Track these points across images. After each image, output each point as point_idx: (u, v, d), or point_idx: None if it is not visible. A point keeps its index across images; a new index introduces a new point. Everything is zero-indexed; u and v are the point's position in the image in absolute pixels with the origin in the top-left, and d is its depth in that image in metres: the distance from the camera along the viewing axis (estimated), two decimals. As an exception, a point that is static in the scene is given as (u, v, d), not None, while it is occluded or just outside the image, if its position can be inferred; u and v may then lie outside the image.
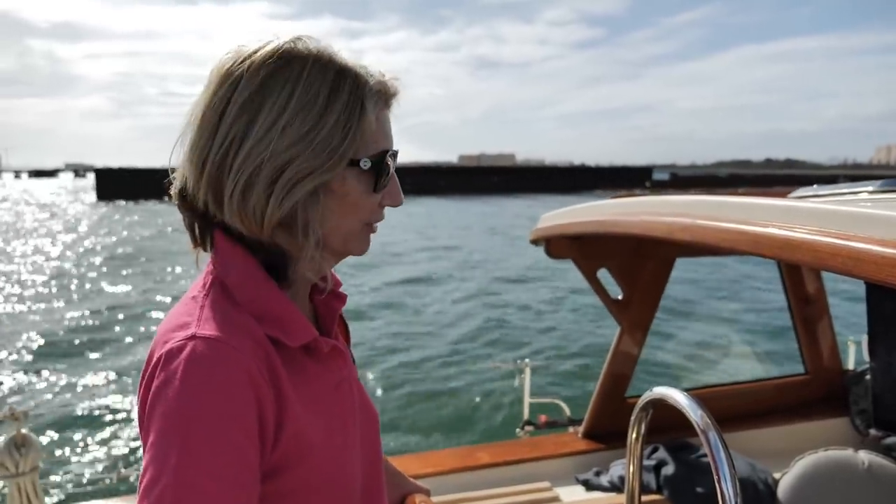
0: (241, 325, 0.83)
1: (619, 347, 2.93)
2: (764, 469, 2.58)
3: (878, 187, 1.68)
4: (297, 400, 0.85)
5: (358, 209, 0.91)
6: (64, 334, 12.53)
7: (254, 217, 0.84)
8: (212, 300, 0.86)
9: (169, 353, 0.78)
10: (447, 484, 2.68)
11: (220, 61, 0.88)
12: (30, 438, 2.88)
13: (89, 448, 7.35)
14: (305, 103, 0.84)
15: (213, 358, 0.78)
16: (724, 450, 0.97)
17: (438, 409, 8.33)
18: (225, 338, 0.80)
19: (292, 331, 0.88)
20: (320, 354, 0.94)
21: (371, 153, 0.89)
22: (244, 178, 0.83)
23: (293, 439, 0.84)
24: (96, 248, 25.59)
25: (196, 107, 0.88)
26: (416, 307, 14.59)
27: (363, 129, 0.87)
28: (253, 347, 0.82)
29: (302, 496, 0.87)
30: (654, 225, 1.83)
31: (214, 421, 0.75)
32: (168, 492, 0.71)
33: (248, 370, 0.79)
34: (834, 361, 3.34)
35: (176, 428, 0.74)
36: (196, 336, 0.79)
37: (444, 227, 31.87)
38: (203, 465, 0.73)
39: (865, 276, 1.05)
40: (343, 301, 1.06)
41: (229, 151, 0.83)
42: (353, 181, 0.89)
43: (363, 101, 0.87)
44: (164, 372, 0.77)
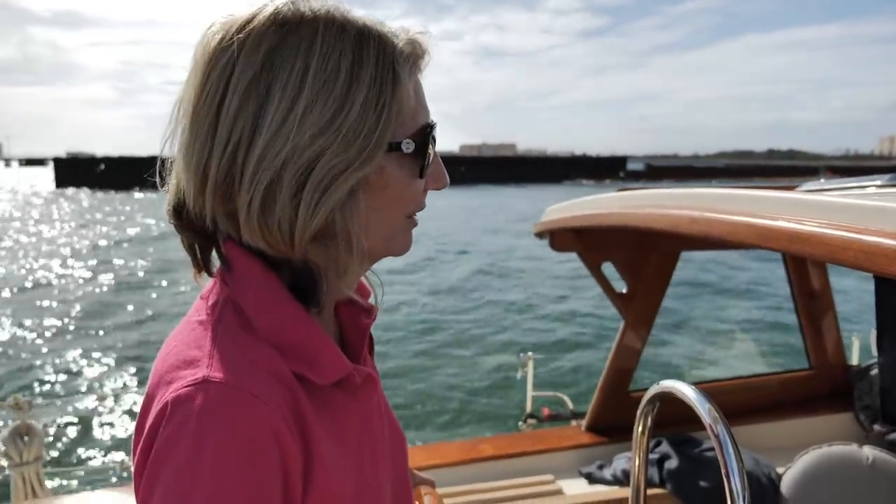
0: (261, 363, 0.67)
1: (623, 341, 2.92)
2: (767, 463, 2.58)
3: (887, 181, 1.67)
4: (327, 444, 0.71)
5: (401, 201, 0.75)
6: (67, 321, 12.56)
7: (280, 234, 0.68)
8: (224, 328, 0.70)
9: (176, 401, 0.63)
10: (451, 476, 2.69)
11: (205, 37, 0.69)
12: (34, 428, 2.89)
13: (93, 437, 7.38)
14: (326, 80, 0.66)
15: (231, 411, 0.62)
16: (733, 444, 0.96)
17: (442, 402, 8.35)
18: (244, 384, 0.64)
19: (323, 367, 0.72)
20: (352, 387, 0.77)
21: (411, 131, 0.72)
22: (262, 187, 0.66)
23: (322, 491, 0.69)
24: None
25: (184, 99, 0.70)
26: (419, 299, 14.60)
27: (399, 103, 0.70)
28: (277, 391, 0.66)
29: None
30: (659, 218, 1.82)
31: (233, 493, 0.60)
32: None
33: (273, 424, 0.63)
34: (838, 356, 3.33)
35: (185, 501, 0.59)
36: (208, 380, 0.63)
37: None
38: None
39: (877, 270, 1.04)
40: (373, 316, 0.88)
41: (237, 154, 0.66)
42: (394, 169, 0.73)
43: (395, 67, 0.69)
44: (170, 427, 0.62)
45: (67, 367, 9.88)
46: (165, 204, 0.75)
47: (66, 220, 34.29)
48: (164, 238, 25.13)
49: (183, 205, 0.73)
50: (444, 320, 12.69)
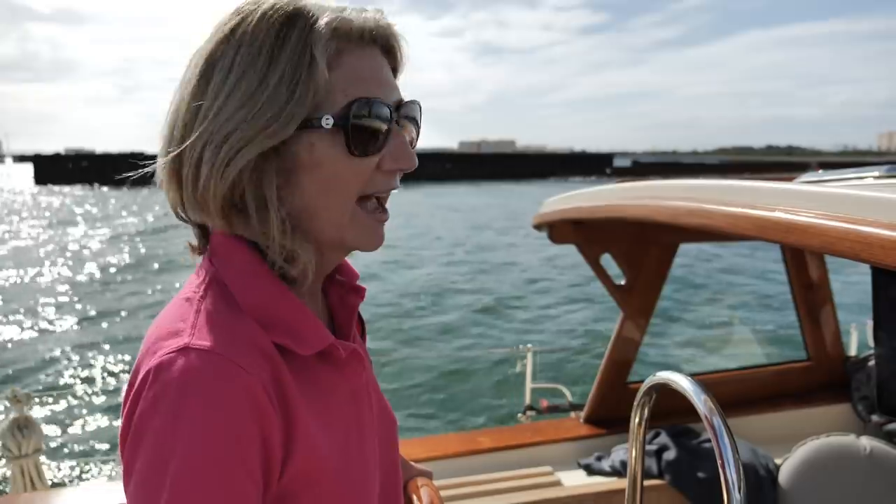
0: (243, 334, 0.71)
1: (622, 333, 2.92)
2: (765, 454, 2.58)
3: (885, 172, 1.67)
4: (309, 415, 0.74)
5: (340, 181, 0.75)
6: (66, 315, 12.56)
7: (204, 201, 0.73)
8: (209, 302, 0.73)
9: (158, 367, 0.66)
10: (449, 468, 2.69)
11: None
12: (32, 420, 2.89)
13: (92, 429, 7.39)
14: (250, 61, 0.71)
15: (210, 376, 0.65)
16: (729, 435, 0.96)
17: (441, 394, 8.36)
18: (224, 350, 0.67)
19: (304, 337, 0.75)
20: (337, 361, 0.81)
21: (337, 107, 0.73)
22: (195, 158, 0.72)
23: (304, 463, 0.72)
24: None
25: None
26: (416, 291, 14.60)
27: (317, 81, 0.72)
28: (258, 361, 0.69)
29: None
30: (658, 209, 1.81)
31: (210, 456, 0.63)
32: None
33: (251, 390, 0.66)
34: (836, 348, 3.34)
35: (169, 461, 0.63)
36: (190, 347, 0.67)
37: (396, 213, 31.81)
38: (194, 501, 0.63)
39: (874, 261, 1.04)
40: (361, 296, 0.93)
41: (184, 133, 0.73)
42: (325, 146, 0.74)
43: (311, 46, 0.72)
44: (152, 391, 0.65)
45: (66, 360, 9.88)
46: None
47: (44, 216, 34.31)
48: (154, 232, 25.12)
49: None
50: (442, 313, 12.69)
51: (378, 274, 16.33)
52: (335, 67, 0.74)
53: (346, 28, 0.75)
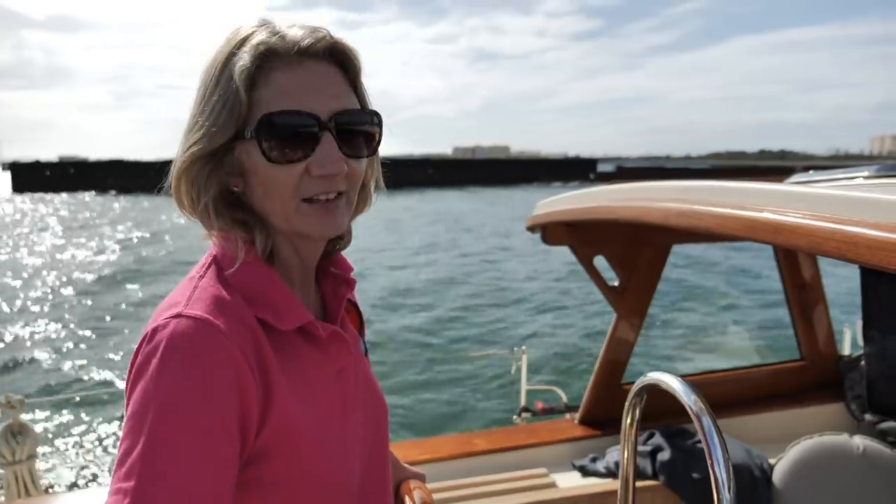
0: (229, 307, 0.82)
1: (616, 334, 2.93)
2: (760, 454, 2.59)
3: (874, 172, 1.68)
4: (287, 387, 0.83)
5: (274, 184, 0.86)
6: (61, 322, 12.52)
7: (186, 206, 0.88)
8: (206, 281, 0.85)
9: (154, 330, 0.78)
10: (444, 470, 2.69)
11: None
12: (26, 426, 2.88)
13: (86, 435, 7.36)
14: (203, 89, 0.86)
15: (195, 337, 0.76)
16: (718, 434, 0.97)
17: (436, 396, 8.36)
18: (210, 318, 0.78)
19: (283, 314, 0.86)
20: (318, 340, 0.90)
21: (256, 121, 0.84)
22: (174, 172, 0.87)
23: (278, 427, 0.81)
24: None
25: None
26: (412, 294, 14.60)
27: (240, 101, 0.83)
28: (240, 330, 0.80)
29: (286, 486, 0.84)
30: (649, 211, 1.82)
31: (188, 404, 0.73)
32: (137, 464, 0.70)
33: (231, 352, 0.77)
34: (829, 347, 3.35)
35: (149, 408, 0.73)
36: (181, 315, 0.78)
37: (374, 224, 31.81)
38: (175, 447, 0.72)
39: (860, 261, 1.04)
40: (352, 286, 1.04)
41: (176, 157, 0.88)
42: (254, 155, 0.85)
43: (233, 74, 0.83)
44: (146, 349, 0.77)
45: (60, 365, 9.85)
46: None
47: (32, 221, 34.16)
48: (155, 238, 25.06)
49: None
50: (437, 315, 12.69)
51: (370, 274, 16.34)
52: (263, 86, 0.84)
53: (275, 49, 0.84)
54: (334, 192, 0.88)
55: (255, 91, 0.83)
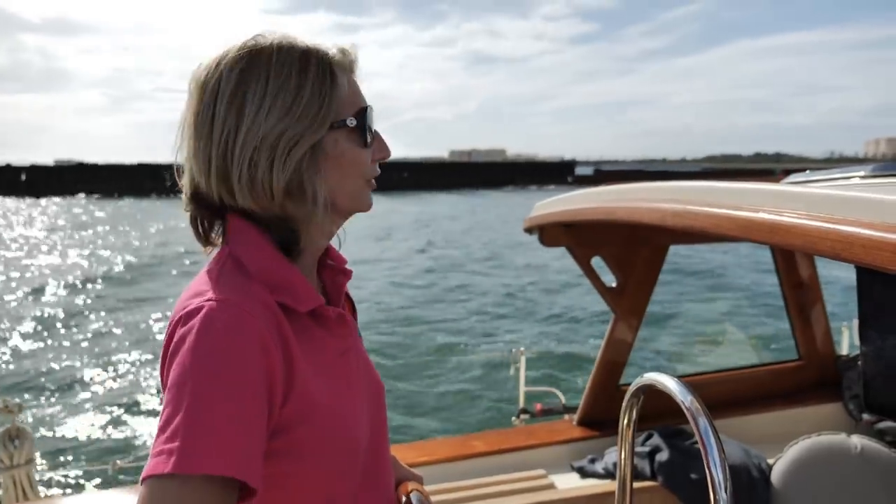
0: (253, 293, 0.90)
1: (614, 335, 2.93)
2: (758, 454, 2.59)
3: (870, 172, 1.68)
4: (305, 362, 0.92)
5: (355, 166, 1.00)
6: (57, 326, 12.51)
7: (263, 191, 0.93)
8: (226, 272, 0.93)
9: (187, 314, 0.85)
10: (442, 472, 2.69)
11: (195, 74, 0.97)
12: (24, 430, 2.88)
13: (85, 439, 7.35)
14: (281, 84, 0.93)
15: (227, 319, 0.84)
16: (714, 434, 0.97)
17: (434, 398, 8.36)
18: (238, 301, 0.87)
19: (301, 297, 0.95)
20: (327, 321, 1.00)
21: (352, 112, 0.99)
22: (247, 160, 0.92)
23: (301, 398, 0.90)
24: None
25: (186, 119, 0.97)
26: (410, 296, 14.60)
27: (337, 94, 0.96)
28: (264, 312, 0.88)
29: (308, 451, 0.92)
30: (647, 212, 1.83)
31: (226, 371, 0.81)
32: (181, 426, 0.77)
33: (259, 332, 0.85)
34: (827, 347, 3.35)
35: (191, 375, 0.80)
36: (212, 299, 0.86)
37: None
38: (214, 407, 0.79)
39: (855, 260, 1.05)
40: (348, 276, 1.14)
41: (228, 143, 0.92)
42: (345, 141, 0.98)
43: (331, 69, 0.97)
44: (181, 330, 0.84)
45: (58, 370, 9.84)
46: (183, 195, 1.01)
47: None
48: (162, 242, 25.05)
49: (198, 190, 0.98)
50: (435, 316, 12.69)
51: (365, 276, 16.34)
52: (338, 87, 0.97)
53: (347, 59, 1.01)
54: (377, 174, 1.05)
55: (335, 88, 0.97)
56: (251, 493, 0.81)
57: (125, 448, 7.09)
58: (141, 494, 0.76)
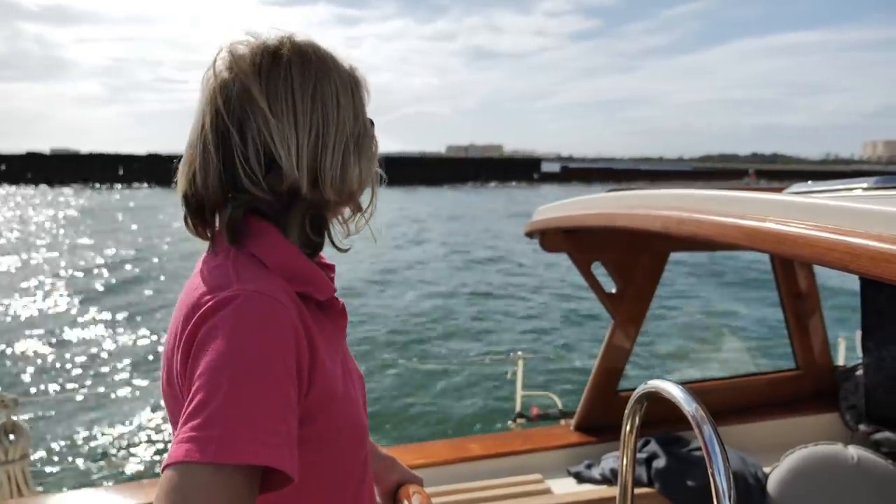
0: (275, 283, 0.89)
1: (612, 341, 2.93)
2: (754, 463, 2.60)
3: (873, 184, 1.69)
4: (322, 349, 0.92)
5: (374, 158, 1.06)
6: (52, 318, 12.48)
7: (349, 185, 0.98)
8: (241, 265, 0.91)
9: (217, 303, 0.83)
10: (439, 475, 2.69)
11: (242, 59, 0.94)
12: (19, 426, 2.87)
13: (80, 435, 7.33)
14: (344, 87, 0.98)
15: (262, 307, 0.83)
16: (719, 443, 0.97)
17: (431, 401, 8.35)
18: (269, 291, 0.86)
19: (319, 287, 0.97)
20: (334, 312, 1.02)
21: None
22: (339, 157, 0.96)
23: (322, 386, 0.90)
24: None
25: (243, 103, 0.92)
26: (407, 299, 14.59)
27: (364, 101, 1.04)
28: (290, 301, 0.88)
29: (327, 439, 0.93)
30: (649, 219, 1.83)
31: (265, 361, 0.79)
32: (218, 413, 0.75)
33: (291, 319, 0.85)
34: (825, 357, 3.36)
35: (229, 364, 0.78)
36: (243, 289, 0.84)
37: (438, 219, 31.73)
38: (254, 397, 0.77)
39: (862, 272, 1.05)
40: (333, 270, 1.14)
41: (319, 138, 0.94)
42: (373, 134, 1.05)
43: (352, 84, 1.01)
44: (212, 320, 0.82)
45: (53, 364, 9.81)
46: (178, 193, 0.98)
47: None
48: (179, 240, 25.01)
49: (193, 192, 0.95)
50: (433, 319, 12.69)
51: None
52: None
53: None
54: None
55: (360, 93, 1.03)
56: (285, 482, 0.79)
57: (121, 444, 7.07)
58: (167, 480, 0.73)
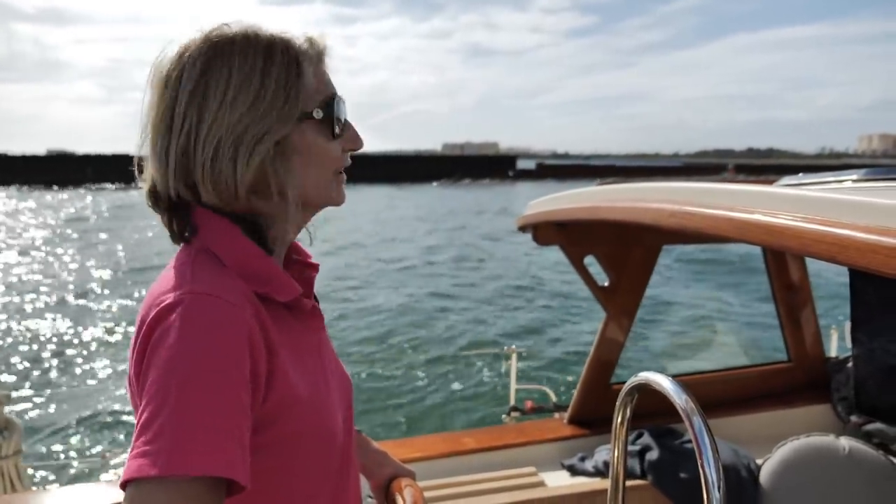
0: (231, 284, 0.87)
1: (605, 334, 2.94)
2: (747, 455, 2.61)
3: (863, 175, 1.69)
4: (284, 351, 0.90)
5: (325, 158, 0.97)
6: (46, 314, 12.44)
7: (226, 187, 0.89)
8: (199, 264, 0.89)
9: (168, 306, 0.81)
10: (433, 469, 2.69)
11: (157, 65, 0.92)
12: (12, 421, 2.86)
13: (73, 431, 7.32)
14: (245, 77, 0.89)
15: (211, 310, 0.81)
16: (708, 434, 0.97)
17: (425, 395, 8.36)
18: (220, 292, 0.83)
19: (280, 287, 0.92)
20: (303, 313, 0.99)
21: (319, 103, 0.95)
22: (209, 156, 0.88)
23: (283, 391, 0.87)
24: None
25: (148, 112, 0.92)
26: (403, 293, 14.59)
27: (304, 85, 0.93)
28: (244, 302, 0.85)
29: (290, 446, 0.90)
30: (640, 211, 1.83)
31: (213, 366, 0.77)
32: (168, 425, 0.73)
33: (244, 323, 0.82)
34: (817, 349, 3.37)
35: (176, 371, 0.76)
36: (192, 292, 0.82)
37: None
38: (202, 404, 0.75)
39: (849, 263, 1.05)
40: (316, 269, 1.11)
41: (189, 138, 0.88)
42: (313, 133, 0.94)
43: (298, 60, 0.93)
44: (161, 324, 0.80)
45: (46, 360, 9.79)
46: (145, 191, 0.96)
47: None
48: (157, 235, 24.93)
49: (155, 188, 0.94)
50: (426, 314, 12.69)
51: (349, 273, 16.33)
52: (306, 77, 0.94)
53: (315, 48, 0.97)
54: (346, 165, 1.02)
55: (301, 79, 0.93)
56: (239, 489, 0.78)
57: (115, 439, 7.06)
58: (128, 501, 0.72)
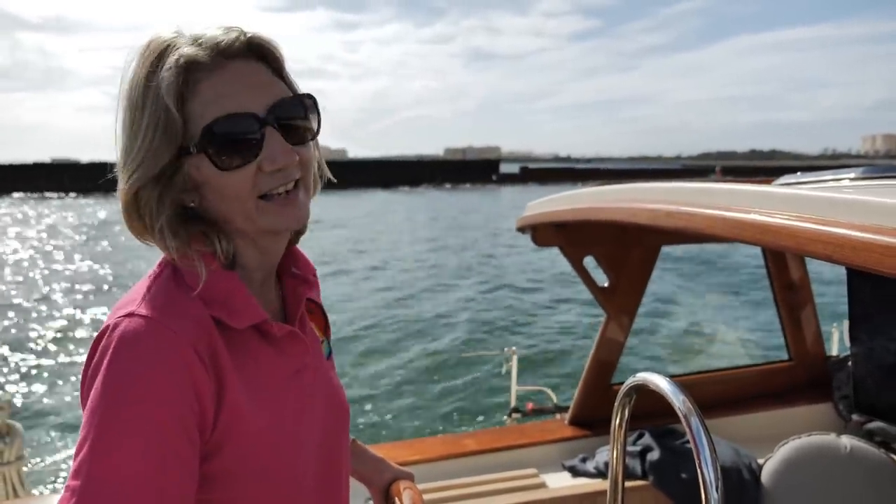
0: (183, 307, 0.83)
1: (605, 335, 2.93)
2: (748, 454, 2.60)
3: (860, 174, 1.69)
4: (240, 384, 0.85)
5: (229, 191, 0.86)
6: (43, 321, 12.44)
7: (144, 229, 0.88)
8: (160, 282, 0.86)
9: (104, 329, 0.80)
10: (434, 471, 2.69)
11: None
12: (14, 427, 2.87)
13: (75, 437, 7.31)
14: (132, 117, 0.85)
15: (145, 336, 0.78)
16: (706, 434, 0.97)
17: (426, 397, 8.35)
18: (160, 317, 0.80)
19: (237, 312, 0.86)
20: (274, 339, 0.92)
21: (201, 133, 0.84)
22: (121, 157, 0.87)
23: (230, 421, 0.83)
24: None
25: None
26: (402, 295, 14.59)
27: (173, 119, 0.83)
28: (191, 328, 0.81)
29: (240, 477, 0.85)
30: (638, 212, 1.83)
31: (139, 401, 0.75)
32: (84, 465, 0.73)
33: (181, 350, 0.78)
34: (817, 348, 3.37)
35: (99, 407, 0.75)
36: (133, 314, 0.79)
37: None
38: (120, 449, 0.73)
39: (845, 262, 1.05)
40: (311, 286, 1.04)
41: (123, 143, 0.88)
42: (205, 166, 0.86)
43: (161, 94, 0.82)
44: (100, 348, 0.79)
45: (48, 367, 9.78)
46: None
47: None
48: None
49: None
50: (426, 316, 12.69)
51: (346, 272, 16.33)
52: (193, 97, 0.84)
53: (195, 58, 0.84)
54: (291, 182, 0.89)
55: (186, 105, 0.84)
56: None
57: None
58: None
